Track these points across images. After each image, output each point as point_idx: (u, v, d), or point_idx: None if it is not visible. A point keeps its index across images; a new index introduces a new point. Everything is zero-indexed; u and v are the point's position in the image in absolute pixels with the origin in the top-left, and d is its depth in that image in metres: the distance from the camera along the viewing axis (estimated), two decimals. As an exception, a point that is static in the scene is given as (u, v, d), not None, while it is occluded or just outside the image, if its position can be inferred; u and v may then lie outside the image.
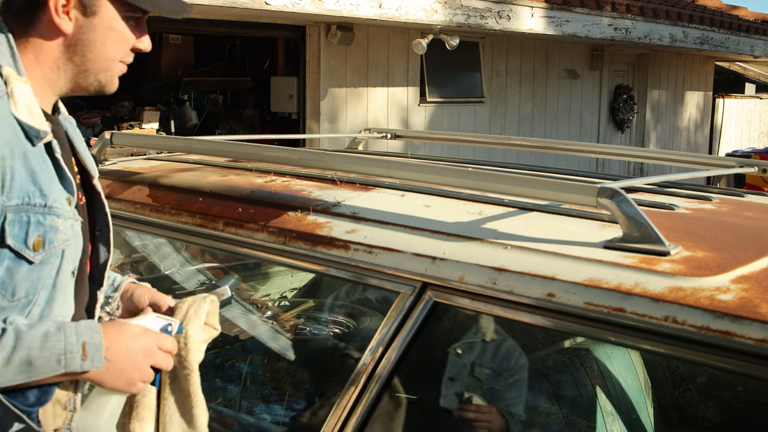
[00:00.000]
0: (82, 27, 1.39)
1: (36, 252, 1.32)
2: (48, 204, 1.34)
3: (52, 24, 1.38)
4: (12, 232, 1.30)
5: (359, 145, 3.32)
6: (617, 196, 1.61)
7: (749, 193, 2.35)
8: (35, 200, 1.32)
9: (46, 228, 1.33)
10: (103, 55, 1.42)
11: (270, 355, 2.41)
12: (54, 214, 1.35)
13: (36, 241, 1.32)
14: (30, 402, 1.30)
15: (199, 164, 2.65)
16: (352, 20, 6.97)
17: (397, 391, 1.77)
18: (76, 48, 1.40)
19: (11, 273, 1.31)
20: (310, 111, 7.52)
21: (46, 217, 1.33)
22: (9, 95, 1.32)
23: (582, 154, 3.06)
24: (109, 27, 1.41)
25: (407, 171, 2.03)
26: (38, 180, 1.33)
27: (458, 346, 1.91)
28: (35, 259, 1.32)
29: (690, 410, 2.02)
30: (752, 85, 16.28)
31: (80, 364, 1.30)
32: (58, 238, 1.36)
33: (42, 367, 1.27)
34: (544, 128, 9.90)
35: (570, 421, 1.91)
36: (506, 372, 1.91)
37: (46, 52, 1.40)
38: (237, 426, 2.17)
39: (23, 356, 1.25)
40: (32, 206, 1.32)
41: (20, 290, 1.32)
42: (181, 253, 2.71)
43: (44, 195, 1.34)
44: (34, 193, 1.32)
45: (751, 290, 1.39)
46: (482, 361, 1.91)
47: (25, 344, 1.25)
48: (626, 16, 8.88)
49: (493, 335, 1.90)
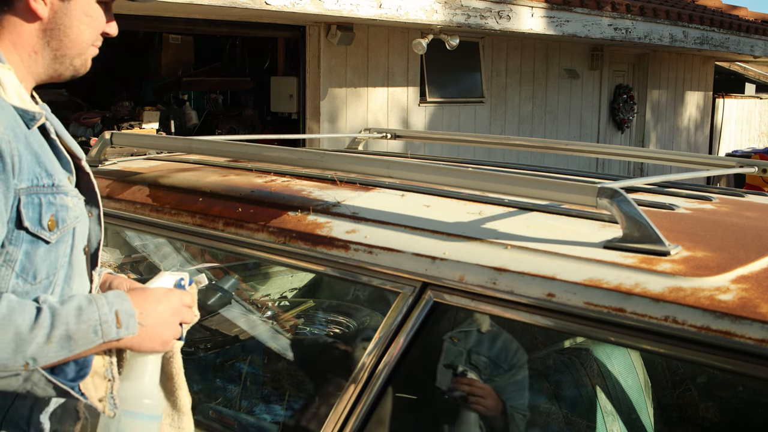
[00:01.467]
0: (58, 12, 1.42)
1: (51, 232, 1.35)
2: (55, 183, 1.37)
3: (28, 9, 1.39)
4: (27, 215, 1.32)
5: (359, 145, 3.32)
6: (617, 196, 1.61)
7: (749, 193, 2.35)
8: (43, 181, 1.35)
9: (57, 207, 1.36)
10: (79, 40, 1.44)
11: (270, 355, 2.42)
12: (62, 192, 1.38)
13: (50, 221, 1.35)
14: (70, 377, 1.31)
15: (199, 164, 2.65)
16: (352, 20, 6.97)
17: (397, 391, 1.77)
18: (52, 33, 1.42)
19: (30, 256, 1.33)
20: (310, 111, 7.52)
21: (55, 196, 1.37)
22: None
23: (582, 154, 3.06)
24: (83, 11, 1.43)
25: (407, 171, 2.03)
26: (42, 161, 1.36)
27: (458, 346, 1.91)
28: (51, 239, 1.35)
29: (690, 410, 2.02)
30: (752, 85, 16.28)
31: (116, 332, 1.32)
32: (69, 216, 1.39)
33: (81, 339, 1.28)
34: (544, 128, 9.90)
35: (570, 421, 1.91)
36: (506, 372, 1.91)
37: (23, 38, 1.41)
38: (237, 426, 2.17)
39: (62, 332, 1.26)
40: (41, 187, 1.35)
41: (41, 272, 1.35)
42: (181, 253, 2.71)
43: (50, 175, 1.36)
44: (41, 174, 1.35)
45: (751, 290, 1.39)
46: (482, 360, 1.91)
47: (62, 320, 1.27)
48: (626, 16, 8.88)
49: (493, 335, 1.90)
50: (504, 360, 1.91)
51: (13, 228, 1.32)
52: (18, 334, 1.23)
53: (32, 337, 1.24)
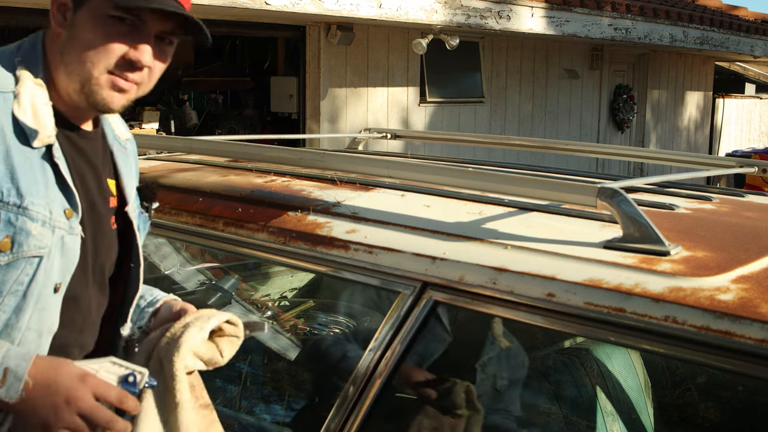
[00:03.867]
0: (70, 24, 1.33)
1: (2, 253, 1.26)
2: (23, 205, 1.27)
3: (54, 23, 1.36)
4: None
5: (359, 145, 3.32)
6: (617, 196, 1.61)
7: (749, 193, 2.35)
8: (9, 198, 1.26)
9: (16, 229, 1.27)
10: (87, 55, 1.31)
11: (270, 355, 2.41)
12: (28, 216, 1.28)
13: (3, 241, 1.26)
14: None
15: (199, 164, 2.65)
16: (352, 20, 6.97)
17: (397, 391, 1.77)
18: (66, 47, 1.33)
19: None
20: (310, 111, 7.52)
21: (17, 218, 1.27)
22: (15, 94, 1.30)
23: (582, 154, 3.06)
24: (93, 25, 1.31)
25: (407, 171, 2.03)
26: (17, 179, 1.27)
27: (458, 346, 1.91)
28: (1, 260, 1.27)
29: (690, 410, 2.02)
30: (752, 85, 16.28)
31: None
32: (29, 243, 1.28)
33: None
34: (544, 128, 9.90)
35: (570, 421, 1.91)
36: (506, 371, 1.91)
37: (54, 54, 1.36)
38: (237, 426, 2.17)
39: None
40: (4, 204, 1.26)
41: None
42: (181, 253, 2.71)
43: (21, 195, 1.27)
44: (10, 190, 1.26)
45: (751, 290, 1.39)
46: (482, 360, 1.91)
47: None
48: (626, 16, 8.88)
49: (493, 335, 1.90)
50: (504, 360, 1.91)
51: None
52: None
53: None
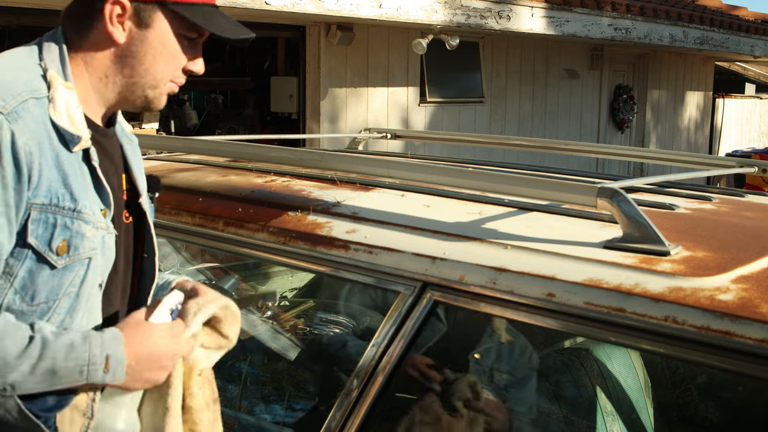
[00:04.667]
0: (135, 39, 1.39)
1: (60, 257, 1.31)
2: (77, 209, 1.32)
3: (105, 32, 1.37)
4: (35, 232, 1.28)
5: (359, 145, 3.32)
6: (617, 196, 1.61)
7: (749, 193, 2.35)
8: (64, 203, 1.30)
9: (72, 233, 1.31)
10: (153, 70, 1.41)
11: (270, 355, 2.41)
12: (82, 219, 1.33)
13: (60, 245, 1.30)
14: (48, 406, 1.29)
15: (199, 164, 2.65)
16: (352, 20, 6.97)
17: (397, 391, 1.77)
18: (126, 59, 1.40)
19: (32, 275, 1.30)
20: (310, 111, 7.51)
21: (73, 221, 1.31)
22: (50, 99, 1.31)
23: (582, 154, 3.06)
24: (161, 42, 1.40)
25: (407, 171, 2.03)
26: (69, 184, 1.32)
27: (458, 347, 1.91)
28: (58, 263, 1.31)
29: (690, 410, 2.02)
30: (752, 85, 16.28)
31: (102, 377, 1.29)
32: (84, 246, 1.33)
33: (65, 377, 1.26)
34: (544, 128, 9.90)
35: (570, 421, 1.91)
36: (506, 371, 1.91)
37: (97, 60, 1.39)
38: (237, 426, 2.17)
39: (48, 365, 1.24)
40: (60, 208, 1.30)
41: (40, 295, 1.31)
42: (181, 253, 2.71)
43: (74, 199, 1.32)
44: (64, 195, 1.31)
45: (751, 290, 1.39)
46: (482, 360, 1.91)
47: (51, 353, 1.24)
48: (626, 16, 8.87)
49: (493, 335, 1.90)
50: (504, 359, 1.91)
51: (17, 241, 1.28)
52: (3, 359, 1.21)
53: (17, 364, 1.22)
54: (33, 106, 1.29)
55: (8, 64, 1.34)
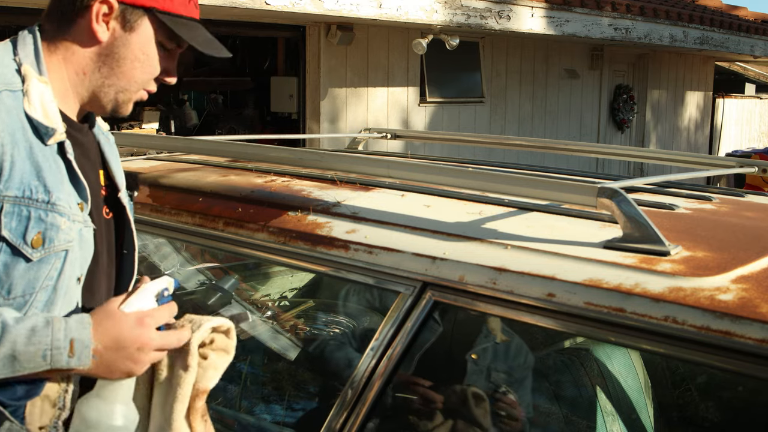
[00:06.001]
0: (117, 40, 1.40)
1: (35, 249, 1.29)
2: (51, 201, 1.31)
3: (89, 29, 1.38)
4: (9, 225, 1.27)
5: (359, 145, 3.32)
6: (617, 196, 1.61)
7: (749, 193, 2.35)
8: (38, 195, 1.29)
9: (47, 225, 1.30)
10: (129, 74, 1.42)
11: (270, 355, 2.41)
12: (57, 212, 1.32)
13: (35, 238, 1.29)
14: (18, 395, 1.27)
15: (199, 164, 2.65)
16: (352, 20, 6.97)
17: (397, 392, 1.77)
18: (105, 59, 1.40)
19: (7, 269, 1.28)
20: (310, 111, 7.51)
21: (48, 213, 1.30)
22: (24, 92, 1.32)
23: (582, 154, 3.06)
24: (141, 48, 1.41)
25: (407, 171, 2.03)
26: (43, 176, 1.31)
27: (458, 347, 1.91)
28: (33, 256, 1.29)
29: (690, 410, 2.02)
30: (752, 85, 16.28)
31: (66, 361, 1.25)
32: (59, 238, 1.32)
33: (26, 362, 1.23)
34: (544, 128, 9.90)
35: (570, 421, 1.91)
36: (507, 371, 1.91)
37: (76, 55, 1.40)
38: (237, 426, 2.17)
39: (7, 350, 1.21)
40: (34, 201, 1.29)
41: (16, 288, 1.29)
42: (181, 253, 2.71)
43: (48, 191, 1.31)
44: (37, 187, 1.30)
45: (751, 290, 1.39)
46: (482, 360, 1.91)
47: (11, 338, 1.22)
48: (626, 16, 8.87)
49: (493, 335, 1.90)
50: (505, 360, 1.91)
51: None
52: None
53: None
54: (7, 98, 1.29)
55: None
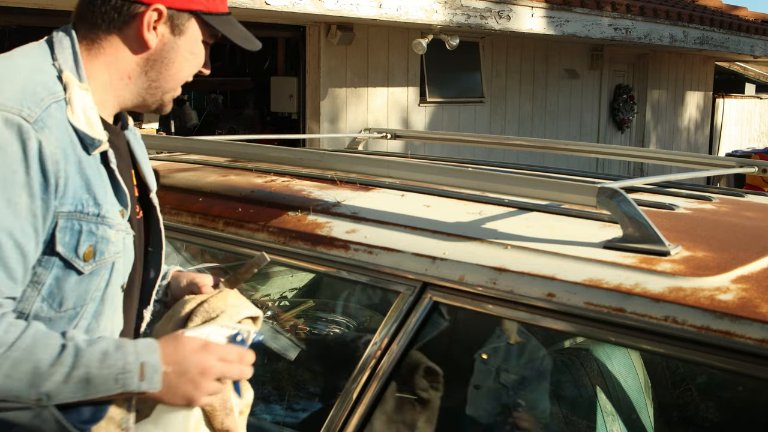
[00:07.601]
0: (167, 44, 1.40)
1: (86, 262, 1.30)
2: (101, 214, 1.31)
3: (139, 37, 1.37)
4: (63, 239, 1.27)
5: (359, 145, 3.32)
6: (617, 196, 1.61)
7: (749, 193, 2.35)
8: (89, 209, 1.30)
9: (97, 238, 1.31)
10: (178, 75, 1.44)
11: (270, 355, 2.41)
12: (107, 224, 1.32)
13: (87, 251, 1.30)
14: (84, 418, 1.28)
15: (199, 164, 2.65)
16: (352, 20, 6.97)
17: (397, 391, 1.77)
18: (154, 63, 1.40)
19: (59, 283, 1.29)
20: (310, 111, 7.51)
21: (98, 227, 1.31)
22: (67, 101, 1.30)
23: (582, 154, 3.06)
24: (190, 48, 1.43)
25: (407, 171, 2.03)
26: (92, 189, 1.31)
27: (458, 347, 1.91)
28: (85, 269, 1.30)
29: (690, 410, 2.02)
30: (752, 85, 16.27)
31: (137, 384, 1.26)
32: (109, 250, 1.33)
33: (100, 385, 1.24)
34: (544, 128, 9.90)
35: (570, 421, 1.91)
36: (507, 371, 1.91)
37: (121, 61, 1.39)
38: (237, 426, 2.17)
39: (82, 374, 1.22)
40: (85, 215, 1.29)
41: (68, 301, 1.30)
42: (181, 253, 2.71)
43: (98, 204, 1.31)
44: (88, 201, 1.30)
45: (751, 290, 1.39)
46: (482, 360, 1.91)
47: (85, 362, 1.23)
48: (626, 16, 8.87)
49: (493, 335, 1.90)
50: (504, 359, 1.91)
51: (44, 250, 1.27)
52: (37, 368, 1.19)
53: (50, 373, 1.20)
54: (56, 111, 1.27)
55: (22, 66, 1.32)
